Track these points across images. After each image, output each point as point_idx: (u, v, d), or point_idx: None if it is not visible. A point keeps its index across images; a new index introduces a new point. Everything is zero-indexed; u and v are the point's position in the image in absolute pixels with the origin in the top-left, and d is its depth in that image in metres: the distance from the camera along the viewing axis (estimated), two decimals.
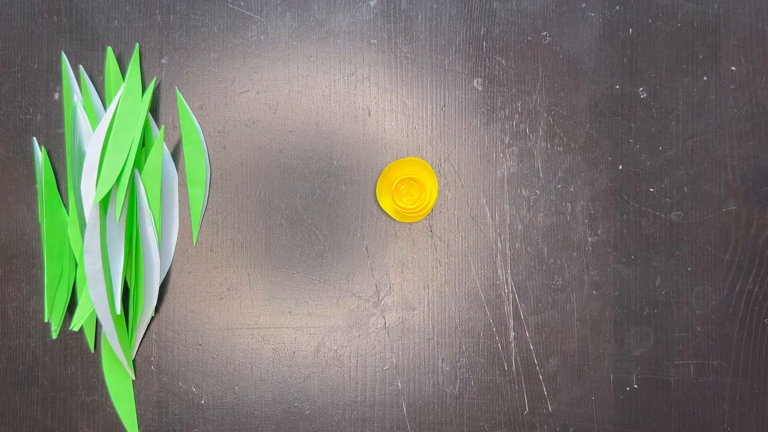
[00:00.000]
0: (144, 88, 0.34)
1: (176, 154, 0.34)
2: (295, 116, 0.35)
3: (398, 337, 0.34)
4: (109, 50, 0.34)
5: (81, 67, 0.34)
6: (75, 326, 0.32)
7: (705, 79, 0.35)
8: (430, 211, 0.34)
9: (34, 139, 0.34)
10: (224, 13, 0.34)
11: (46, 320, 0.33)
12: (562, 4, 0.35)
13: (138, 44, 0.34)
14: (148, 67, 0.35)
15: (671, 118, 0.35)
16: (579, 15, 0.35)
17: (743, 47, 0.35)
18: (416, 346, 0.34)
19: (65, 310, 0.34)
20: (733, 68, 0.35)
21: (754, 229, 0.34)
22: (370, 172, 0.34)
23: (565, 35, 0.35)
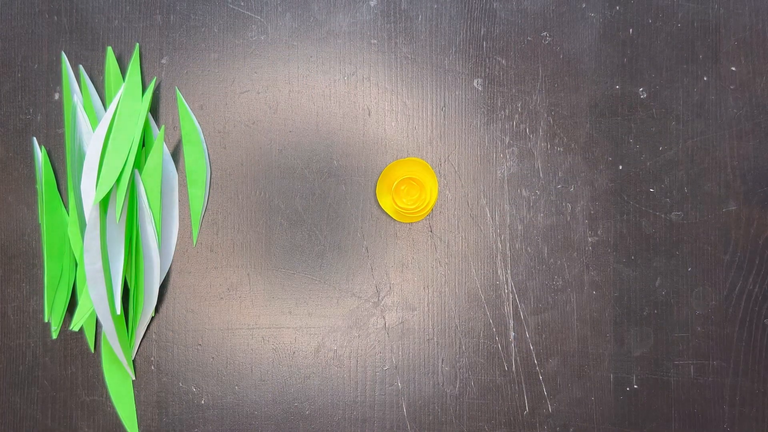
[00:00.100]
0: (144, 88, 0.34)
1: (176, 154, 0.34)
2: (295, 116, 0.35)
3: (398, 337, 0.34)
4: (109, 50, 0.34)
5: (81, 67, 0.34)
6: (75, 326, 0.32)
7: (705, 79, 0.35)
8: (430, 212, 0.34)
9: (34, 139, 0.34)
10: (224, 13, 0.34)
11: (46, 320, 0.33)
12: (563, 5, 0.35)
13: (138, 44, 0.34)
14: (148, 67, 0.35)
15: (671, 118, 0.35)
16: (579, 15, 0.35)
17: (743, 47, 0.35)
18: (416, 346, 0.34)
19: (65, 310, 0.34)
20: (733, 68, 0.35)
21: (754, 229, 0.34)
22: (370, 172, 0.34)
23: (565, 35, 0.35)
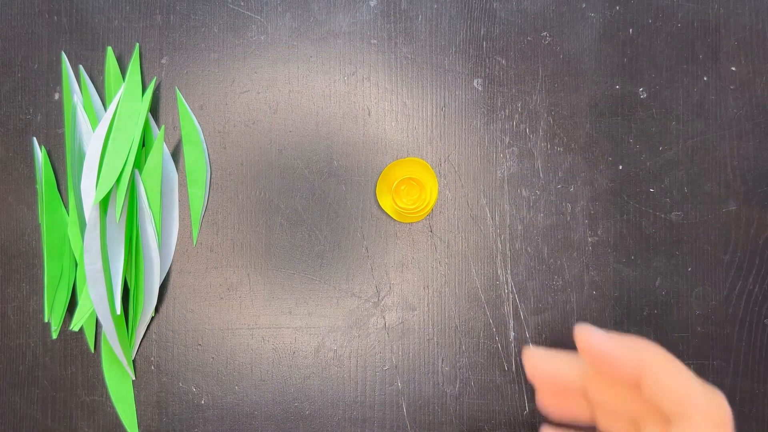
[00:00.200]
0: (144, 88, 0.34)
1: (176, 154, 0.34)
2: (295, 116, 0.35)
3: (398, 337, 0.34)
4: (109, 50, 0.34)
5: (81, 67, 0.34)
6: (75, 326, 0.32)
7: (705, 79, 0.35)
8: (430, 212, 0.34)
9: (34, 139, 0.34)
10: (224, 13, 0.34)
11: (46, 320, 0.33)
12: (563, 5, 0.35)
13: (138, 44, 0.34)
14: (148, 67, 0.35)
15: (671, 118, 0.35)
16: (579, 15, 0.35)
17: (743, 47, 0.35)
18: (416, 346, 0.34)
19: (65, 310, 0.34)
20: (733, 68, 0.35)
21: (754, 229, 0.34)
22: (370, 172, 0.34)
23: (565, 35, 0.35)
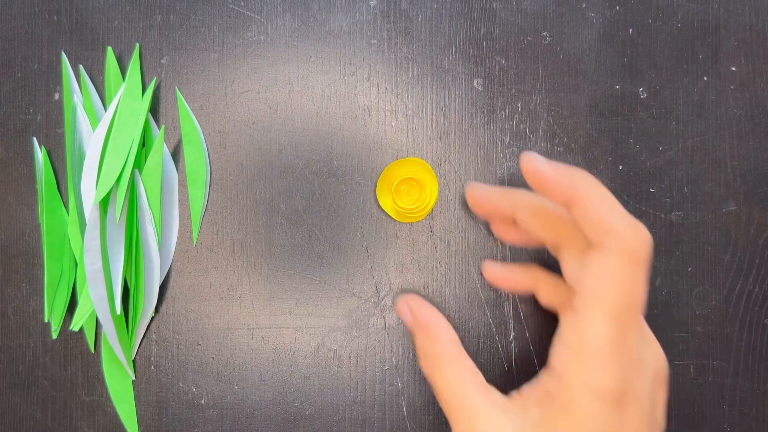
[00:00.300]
0: (144, 88, 0.34)
1: (176, 154, 0.34)
2: (295, 116, 0.35)
3: (398, 337, 0.34)
4: (109, 50, 0.34)
5: (81, 67, 0.34)
6: (75, 326, 0.32)
7: (705, 79, 0.35)
8: (430, 212, 0.34)
9: (34, 139, 0.34)
10: (224, 13, 0.34)
11: (46, 320, 0.33)
12: (563, 5, 0.35)
13: (138, 44, 0.34)
14: (148, 67, 0.35)
15: (671, 118, 0.35)
16: (579, 15, 0.35)
17: (743, 47, 0.35)
18: None
19: (65, 310, 0.34)
20: (734, 68, 0.35)
21: (754, 229, 0.34)
22: (370, 172, 0.34)
23: (565, 35, 0.35)
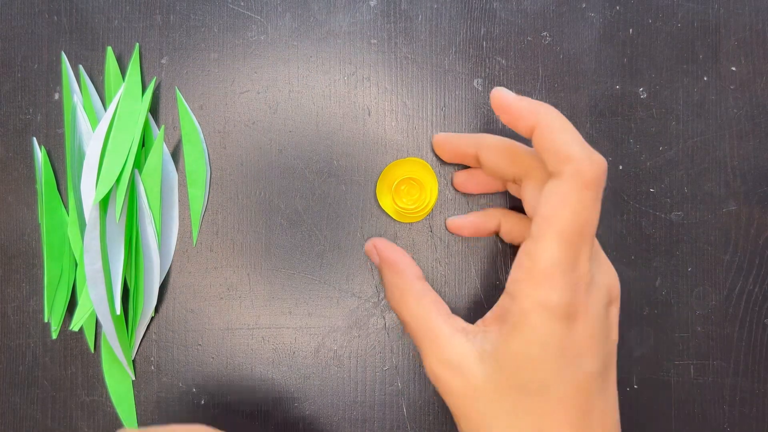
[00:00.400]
0: (144, 88, 0.34)
1: (176, 154, 0.34)
2: (295, 116, 0.35)
3: (398, 337, 0.34)
4: (109, 50, 0.34)
5: (81, 67, 0.34)
6: (75, 326, 0.32)
7: (705, 79, 0.35)
8: (430, 211, 0.34)
9: (34, 139, 0.34)
10: (224, 13, 0.34)
11: (46, 320, 0.33)
12: (563, 4, 0.35)
13: (138, 44, 0.34)
14: (148, 67, 0.34)
15: (671, 118, 0.35)
16: (579, 15, 0.35)
17: (743, 47, 0.35)
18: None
19: (65, 310, 0.34)
20: (734, 68, 0.35)
21: (755, 229, 0.34)
22: (370, 172, 0.34)
23: (565, 35, 0.35)
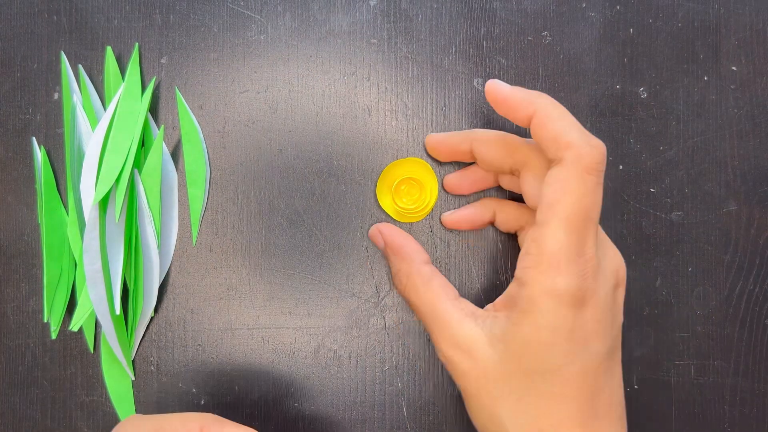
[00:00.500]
0: (143, 88, 0.34)
1: (176, 154, 0.34)
2: (295, 116, 0.34)
3: (398, 337, 0.34)
4: (109, 50, 0.34)
5: (80, 67, 0.34)
6: (74, 326, 0.32)
7: (705, 79, 0.35)
8: (430, 211, 0.34)
9: (34, 139, 0.34)
10: (224, 12, 0.34)
11: (46, 320, 0.33)
12: (563, 4, 0.35)
13: (138, 44, 0.34)
14: (148, 66, 0.34)
15: (672, 118, 0.35)
16: (579, 15, 0.35)
17: (744, 47, 0.35)
18: (416, 346, 0.34)
19: (65, 311, 0.34)
20: (734, 68, 0.35)
21: (755, 229, 0.34)
22: (370, 172, 0.34)
23: (565, 35, 0.35)
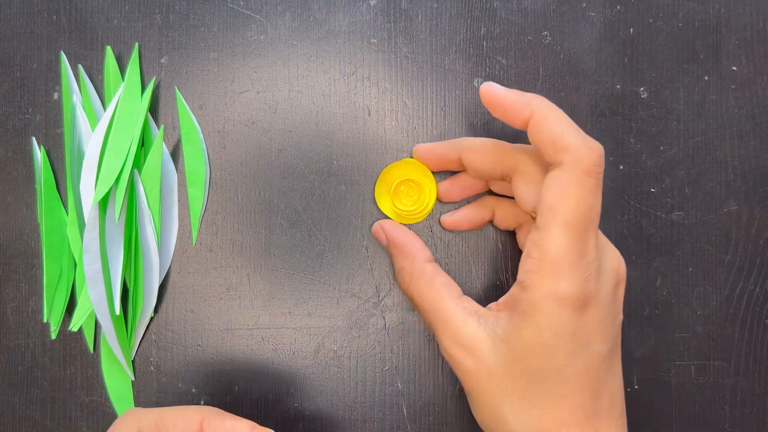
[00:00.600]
0: (143, 88, 0.34)
1: (176, 154, 0.34)
2: (295, 116, 0.34)
3: (398, 337, 0.34)
4: (109, 50, 0.34)
5: (80, 67, 0.34)
6: (74, 326, 0.32)
7: (706, 78, 0.35)
8: (429, 212, 0.34)
9: (34, 139, 0.34)
10: (224, 12, 0.34)
11: (45, 320, 0.33)
12: (563, 4, 0.35)
13: (137, 44, 0.34)
14: (148, 66, 0.34)
15: (672, 118, 0.35)
16: (580, 15, 0.35)
17: (744, 47, 0.35)
18: (416, 346, 0.34)
19: (64, 311, 0.34)
20: (734, 68, 0.35)
21: (755, 229, 0.34)
22: (370, 172, 0.34)
23: (565, 35, 0.35)
